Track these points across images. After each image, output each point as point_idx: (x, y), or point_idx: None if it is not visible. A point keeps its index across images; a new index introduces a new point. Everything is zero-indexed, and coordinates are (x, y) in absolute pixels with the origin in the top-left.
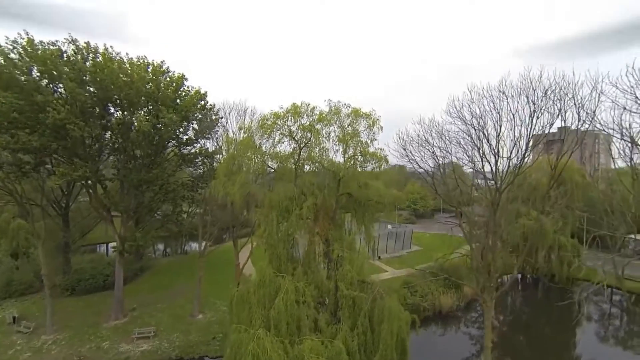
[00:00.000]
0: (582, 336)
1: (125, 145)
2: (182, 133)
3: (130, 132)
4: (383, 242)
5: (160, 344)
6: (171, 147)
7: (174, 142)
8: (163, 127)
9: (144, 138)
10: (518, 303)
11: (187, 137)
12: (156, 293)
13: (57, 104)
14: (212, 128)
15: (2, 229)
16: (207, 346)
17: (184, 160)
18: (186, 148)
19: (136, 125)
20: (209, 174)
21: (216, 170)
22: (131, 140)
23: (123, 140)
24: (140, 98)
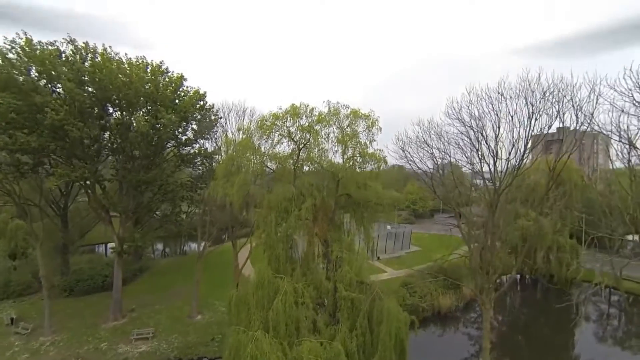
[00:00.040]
0: (581, 336)
1: (124, 145)
2: (181, 133)
3: (129, 133)
4: (382, 243)
5: (158, 345)
6: (170, 148)
7: (173, 143)
8: (162, 128)
9: (143, 138)
10: (517, 303)
11: (186, 138)
12: (155, 294)
13: (56, 105)
14: (211, 128)
15: (0, 230)
16: (206, 347)
17: (183, 160)
18: (185, 148)
19: (135, 125)
20: (208, 175)
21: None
22: (130, 140)
23: (122, 140)
24: (139, 98)
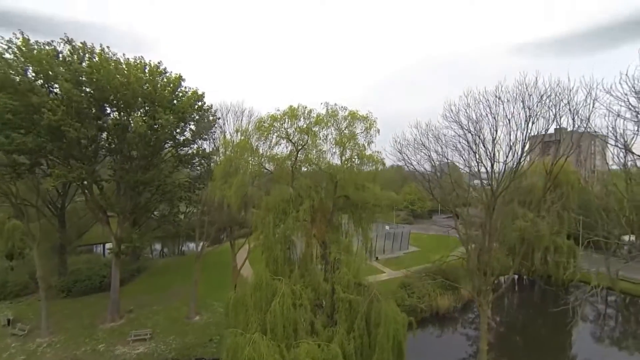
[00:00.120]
0: (578, 337)
1: (121, 146)
2: (179, 134)
3: (126, 133)
4: (380, 243)
5: (156, 346)
6: (168, 148)
7: (171, 143)
8: (160, 128)
9: (141, 139)
10: (515, 304)
11: (184, 138)
12: (153, 294)
13: (53, 105)
14: (210, 129)
15: None
16: (204, 348)
17: (181, 161)
18: (183, 149)
19: (133, 126)
20: (206, 175)
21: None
22: (127, 141)
23: (119, 141)
24: (136, 99)
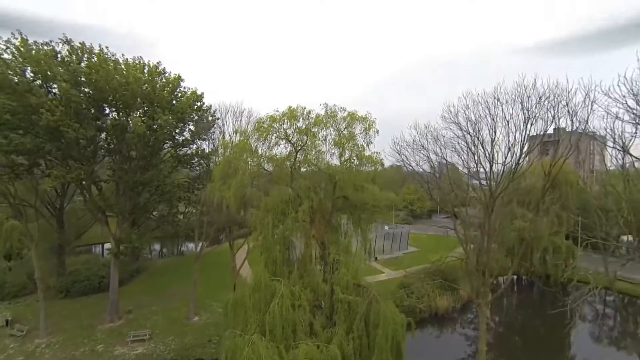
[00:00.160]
0: (577, 337)
1: (120, 146)
2: (178, 134)
3: (125, 134)
4: (380, 243)
5: (155, 347)
6: (167, 149)
7: (170, 144)
8: (159, 129)
9: (140, 139)
10: (513, 304)
11: (183, 139)
12: (152, 295)
13: (51, 105)
14: (209, 129)
15: None
16: (203, 349)
17: (180, 161)
18: (182, 149)
19: (131, 126)
20: (205, 175)
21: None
22: (126, 141)
23: (118, 141)
24: (135, 99)
